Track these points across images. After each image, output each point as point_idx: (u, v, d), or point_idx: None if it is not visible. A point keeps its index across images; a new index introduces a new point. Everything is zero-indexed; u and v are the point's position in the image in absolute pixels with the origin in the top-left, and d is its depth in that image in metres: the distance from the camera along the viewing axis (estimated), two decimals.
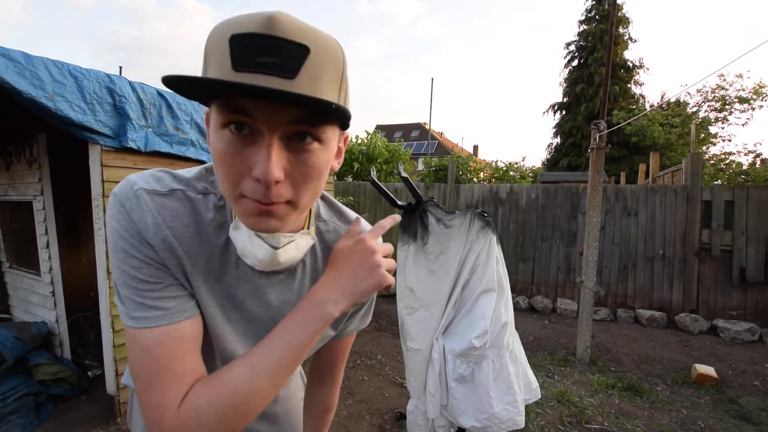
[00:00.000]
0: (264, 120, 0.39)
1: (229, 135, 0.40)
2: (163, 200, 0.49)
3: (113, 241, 0.48)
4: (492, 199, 5.36)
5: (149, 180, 0.50)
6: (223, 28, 0.39)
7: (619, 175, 12.04)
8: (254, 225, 0.44)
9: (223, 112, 0.40)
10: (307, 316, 0.50)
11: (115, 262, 0.48)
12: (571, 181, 7.79)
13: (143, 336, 0.46)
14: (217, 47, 0.39)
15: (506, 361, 1.75)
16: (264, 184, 0.40)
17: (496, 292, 1.78)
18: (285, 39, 0.37)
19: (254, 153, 0.40)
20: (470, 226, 1.80)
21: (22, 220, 2.86)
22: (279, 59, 0.37)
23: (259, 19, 0.37)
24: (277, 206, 0.43)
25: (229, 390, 0.46)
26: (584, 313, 3.32)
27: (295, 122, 0.40)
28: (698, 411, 2.59)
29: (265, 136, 0.40)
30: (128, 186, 0.49)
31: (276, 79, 0.37)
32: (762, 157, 9.08)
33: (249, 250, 0.50)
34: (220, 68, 0.38)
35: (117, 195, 0.49)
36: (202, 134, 2.71)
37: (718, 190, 4.36)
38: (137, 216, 0.47)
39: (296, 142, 0.42)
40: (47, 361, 2.49)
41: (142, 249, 0.47)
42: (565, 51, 19.45)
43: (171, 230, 0.48)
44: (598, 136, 3.20)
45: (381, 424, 2.37)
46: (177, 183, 0.52)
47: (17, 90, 1.76)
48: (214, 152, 0.43)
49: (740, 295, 4.22)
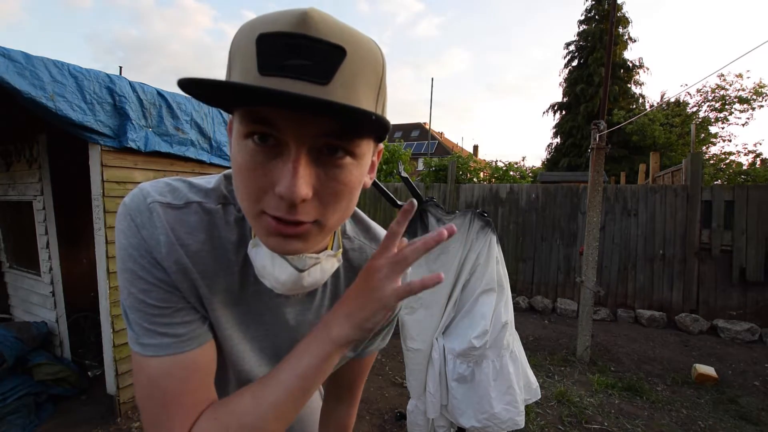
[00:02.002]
0: (291, 131, 0.35)
1: (252, 146, 0.36)
2: (179, 214, 0.45)
3: (121, 258, 0.44)
4: (492, 199, 5.36)
5: (164, 191, 0.46)
6: (250, 27, 0.35)
7: (619, 175, 12.04)
8: (275, 246, 0.40)
9: (245, 121, 0.36)
10: (316, 343, 0.46)
11: (122, 283, 0.45)
12: (571, 181, 7.80)
13: (151, 365, 0.44)
14: (243, 48, 0.35)
15: (506, 361, 1.75)
16: (288, 202, 0.36)
17: (496, 292, 1.78)
18: (319, 39, 0.33)
19: (279, 167, 0.36)
20: (470, 226, 1.80)
21: (22, 220, 2.86)
22: (311, 62, 0.33)
23: (290, 17, 0.34)
24: (302, 226, 0.38)
25: (235, 422, 0.44)
26: (584, 313, 3.32)
27: (326, 134, 0.36)
28: (698, 411, 2.59)
29: (291, 149, 0.36)
30: (140, 197, 0.45)
31: (307, 84, 0.33)
32: (762, 157, 9.08)
33: (269, 272, 0.45)
34: (245, 71, 0.35)
35: (128, 207, 0.44)
36: (202, 134, 2.71)
37: (718, 190, 4.36)
38: (148, 233, 0.43)
39: (326, 156, 0.37)
40: (47, 361, 2.49)
41: (152, 270, 0.43)
42: (565, 51, 19.46)
43: (185, 249, 0.45)
44: (598, 136, 3.20)
45: (381, 424, 2.37)
46: (194, 194, 0.47)
47: (17, 90, 1.76)
48: (235, 163, 0.38)
49: (740, 295, 4.22)
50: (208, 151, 2.78)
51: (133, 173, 2.36)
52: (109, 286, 2.25)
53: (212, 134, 2.77)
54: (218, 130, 2.82)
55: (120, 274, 0.45)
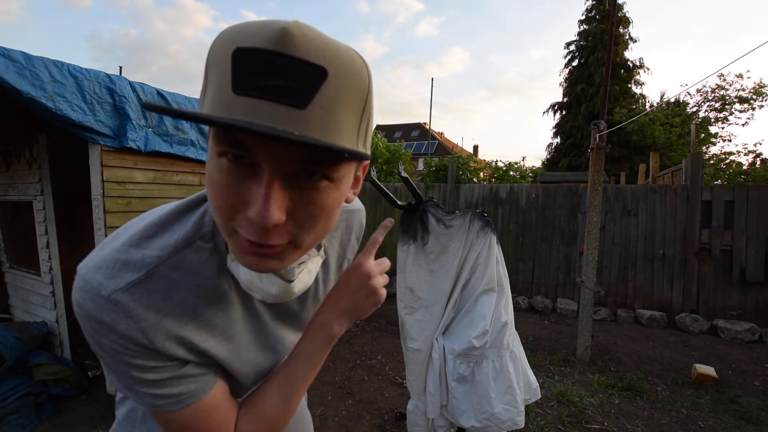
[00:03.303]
0: (264, 156, 0.33)
1: (226, 164, 0.34)
2: (146, 289, 0.41)
3: (106, 357, 0.42)
4: (492, 199, 5.36)
5: (115, 271, 0.40)
6: (228, 38, 0.33)
7: (619, 175, 12.04)
8: (250, 264, 0.38)
9: (219, 141, 0.34)
10: (318, 338, 0.54)
11: (117, 373, 0.43)
12: (571, 181, 7.79)
13: (175, 418, 0.46)
14: (219, 60, 0.33)
15: (506, 361, 1.75)
16: (259, 226, 0.34)
17: (496, 292, 1.78)
18: (298, 59, 0.31)
19: (252, 188, 0.34)
20: (470, 226, 1.80)
21: (22, 220, 2.86)
22: (288, 83, 0.31)
23: (268, 32, 0.31)
24: (276, 247, 0.37)
25: (269, 418, 0.51)
26: (584, 313, 3.32)
27: (303, 161, 0.34)
28: (698, 411, 2.59)
29: (264, 173, 0.34)
30: (95, 293, 0.39)
31: (282, 108, 0.31)
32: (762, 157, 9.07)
33: (258, 286, 0.46)
34: (219, 88, 0.33)
35: (86, 309, 0.40)
36: (203, 134, 2.72)
37: (718, 190, 4.35)
38: (125, 327, 0.40)
39: (303, 179, 0.35)
40: (47, 361, 2.49)
41: (144, 354, 0.42)
42: (566, 51, 19.46)
43: (171, 315, 0.42)
44: (598, 136, 3.20)
45: (381, 424, 2.37)
46: (150, 252, 0.42)
47: (17, 90, 1.76)
48: (209, 179, 0.36)
49: (740, 295, 4.22)
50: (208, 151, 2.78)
51: (133, 173, 2.36)
52: None
53: None
54: None
55: (109, 369, 0.43)
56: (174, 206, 0.48)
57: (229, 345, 0.50)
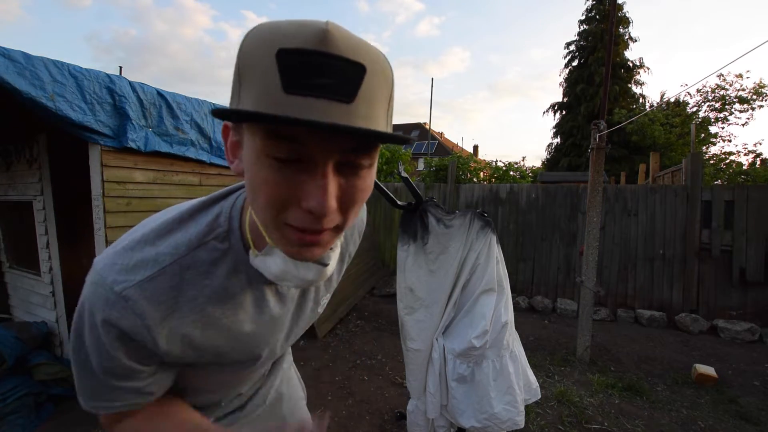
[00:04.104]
0: (318, 149, 0.35)
1: (276, 162, 0.36)
2: (158, 285, 0.44)
3: (89, 353, 0.45)
4: (492, 199, 5.36)
5: (128, 267, 0.43)
6: (264, 39, 0.34)
7: (619, 175, 12.04)
8: (297, 254, 0.41)
9: (269, 139, 0.35)
10: (197, 427, 0.54)
11: (87, 372, 0.47)
12: (571, 181, 7.80)
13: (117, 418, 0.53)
14: (260, 62, 0.34)
15: (506, 361, 1.75)
16: (318, 216, 0.37)
17: (496, 292, 1.78)
18: (341, 57, 0.33)
19: (305, 182, 0.37)
20: (470, 226, 1.80)
21: (22, 220, 2.86)
22: (334, 80, 0.33)
23: (310, 33, 0.33)
24: (323, 233, 0.40)
25: None
26: (584, 313, 3.32)
27: (351, 150, 0.37)
28: (698, 411, 2.59)
29: (318, 166, 0.36)
30: (107, 288, 0.42)
31: (333, 103, 0.34)
32: (762, 157, 9.08)
33: (294, 275, 0.47)
34: (267, 88, 0.34)
35: (94, 302, 0.42)
36: (203, 134, 2.71)
37: (718, 190, 4.35)
38: (130, 324, 0.43)
39: (348, 167, 0.38)
40: (47, 361, 2.49)
41: (134, 355, 0.46)
42: (566, 51, 19.46)
43: (178, 312, 0.45)
44: (598, 136, 3.20)
45: (381, 424, 2.37)
46: (164, 249, 0.45)
47: (17, 90, 1.76)
48: (254, 178, 0.38)
49: (740, 295, 4.21)
50: (208, 151, 2.78)
51: (133, 173, 2.36)
52: None
53: (212, 134, 2.77)
54: (218, 130, 2.82)
55: (82, 363, 0.46)
56: (189, 205, 0.50)
57: (231, 342, 0.52)
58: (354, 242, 0.72)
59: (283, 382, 0.82)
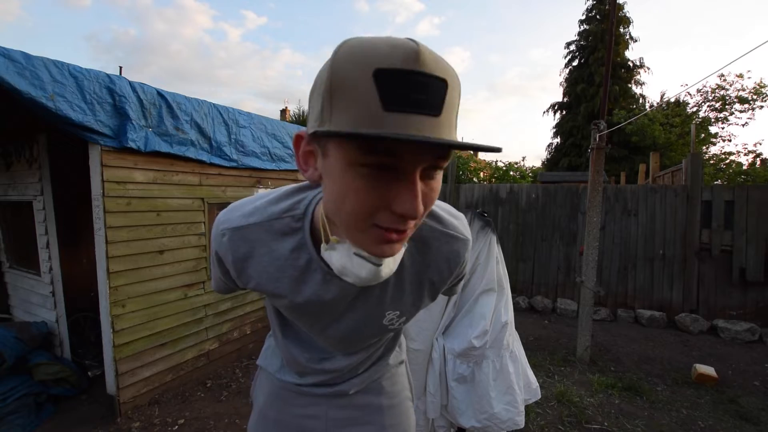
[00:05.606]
0: (411, 158, 0.39)
1: (367, 171, 0.39)
2: (242, 234, 0.58)
3: (213, 261, 0.67)
4: (492, 199, 5.36)
5: (234, 215, 0.60)
6: (358, 60, 0.37)
7: (619, 175, 12.04)
8: (381, 252, 0.45)
9: (362, 151, 0.38)
10: None
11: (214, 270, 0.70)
12: (571, 181, 7.80)
13: None
14: (356, 82, 0.37)
15: (506, 361, 1.75)
16: (410, 218, 0.41)
17: (496, 292, 1.78)
18: (431, 75, 0.37)
19: (395, 188, 0.40)
20: (470, 226, 1.80)
21: (22, 220, 2.86)
22: (427, 96, 0.37)
23: (403, 53, 0.36)
24: (405, 232, 0.44)
25: None
26: (584, 313, 3.32)
27: (435, 158, 0.41)
28: (698, 411, 2.59)
29: (408, 174, 0.40)
30: (218, 223, 0.61)
31: (426, 117, 0.37)
32: (762, 157, 9.08)
33: (351, 270, 0.51)
34: (366, 106, 0.36)
35: (213, 233, 0.63)
36: (203, 134, 2.71)
37: (718, 190, 4.35)
38: (223, 252, 0.61)
39: (429, 171, 0.42)
40: (47, 361, 2.49)
41: (220, 267, 0.66)
42: (566, 51, 19.44)
43: (251, 259, 0.59)
44: (598, 136, 3.20)
45: None
46: (261, 212, 0.59)
47: (17, 90, 1.76)
48: (342, 185, 0.41)
49: (740, 295, 4.21)
50: (208, 151, 2.78)
51: (133, 173, 2.36)
52: (109, 286, 2.25)
53: (212, 134, 2.77)
54: (218, 130, 2.82)
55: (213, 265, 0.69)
56: (289, 187, 0.63)
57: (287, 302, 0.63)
58: (439, 270, 0.65)
59: (384, 377, 0.85)
